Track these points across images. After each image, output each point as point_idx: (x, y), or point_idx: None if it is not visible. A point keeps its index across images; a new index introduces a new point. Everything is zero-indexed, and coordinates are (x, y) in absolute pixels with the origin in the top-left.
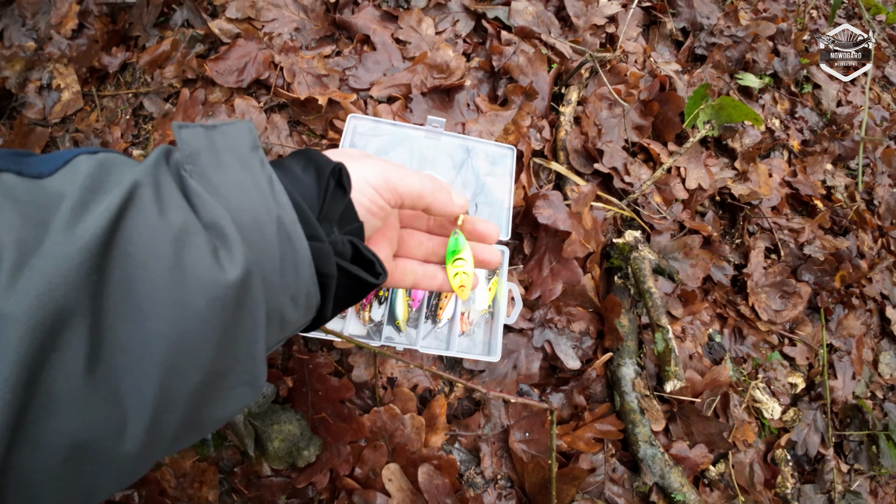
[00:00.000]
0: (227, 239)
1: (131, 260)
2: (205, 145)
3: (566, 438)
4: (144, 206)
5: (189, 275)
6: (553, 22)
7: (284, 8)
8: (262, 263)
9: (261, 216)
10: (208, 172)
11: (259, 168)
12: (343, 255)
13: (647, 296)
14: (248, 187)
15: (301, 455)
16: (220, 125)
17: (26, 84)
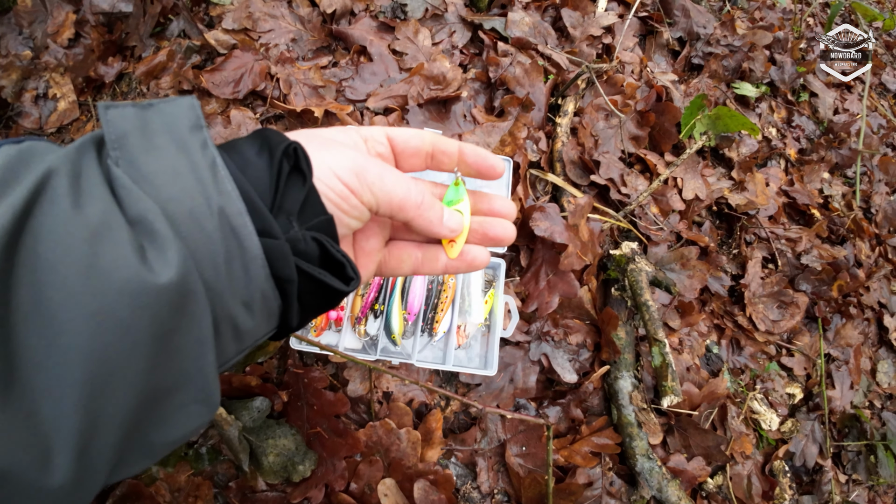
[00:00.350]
0: (157, 235)
1: (41, 262)
2: (134, 126)
3: (563, 452)
4: (57, 198)
5: (108, 278)
6: (550, 33)
7: (281, 19)
8: (203, 263)
9: (199, 208)
10: (137, 158)
11: (199, 151)
12: (306, 255)
13: (644, 309)
14: (184, 174)
15: (296, 470)
16: (157, 102)
17: (22, 93)
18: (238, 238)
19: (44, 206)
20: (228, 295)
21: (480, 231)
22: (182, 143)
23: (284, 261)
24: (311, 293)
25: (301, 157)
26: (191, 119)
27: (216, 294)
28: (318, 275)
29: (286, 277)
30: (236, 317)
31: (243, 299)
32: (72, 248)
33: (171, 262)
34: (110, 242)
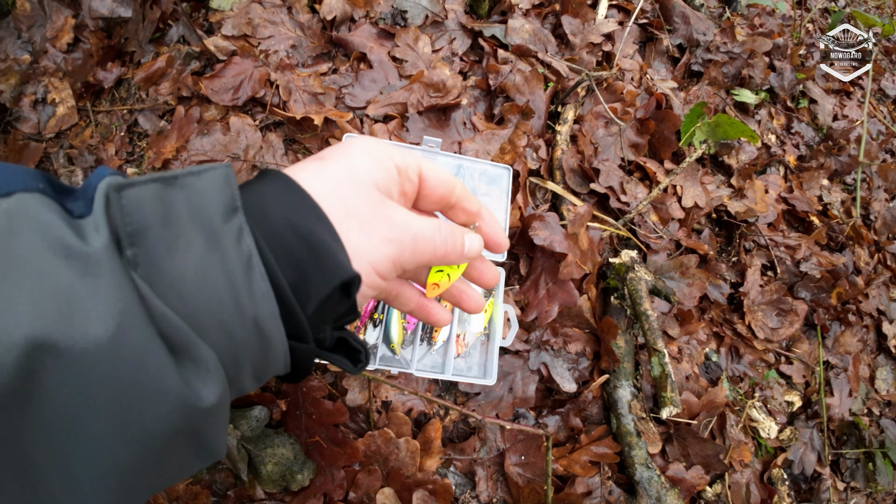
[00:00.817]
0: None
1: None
2: (157, 216)
3: (562, 461)
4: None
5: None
6: (550, 40)
7: (281, 25)
8: (226, 362)
9: (230, 319)
10: (160, 259)
11: (233, 246)
12: (325, 344)
13: (644, 318)
14: (215, 278)
15: (294, 479)
16: (183, 175)
17: (21, 98)
18: (267, 341)
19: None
20: (244, 378)
21: (457, 296)
22: (213, 235)
23: (306, 358)
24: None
25: (354, 285)
26: (225, 200)
27: (232, 380)
28: (335, 362)
29: (303, 370)
30: (245, 386)
31: (256, 375)
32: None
33: (211, 384)
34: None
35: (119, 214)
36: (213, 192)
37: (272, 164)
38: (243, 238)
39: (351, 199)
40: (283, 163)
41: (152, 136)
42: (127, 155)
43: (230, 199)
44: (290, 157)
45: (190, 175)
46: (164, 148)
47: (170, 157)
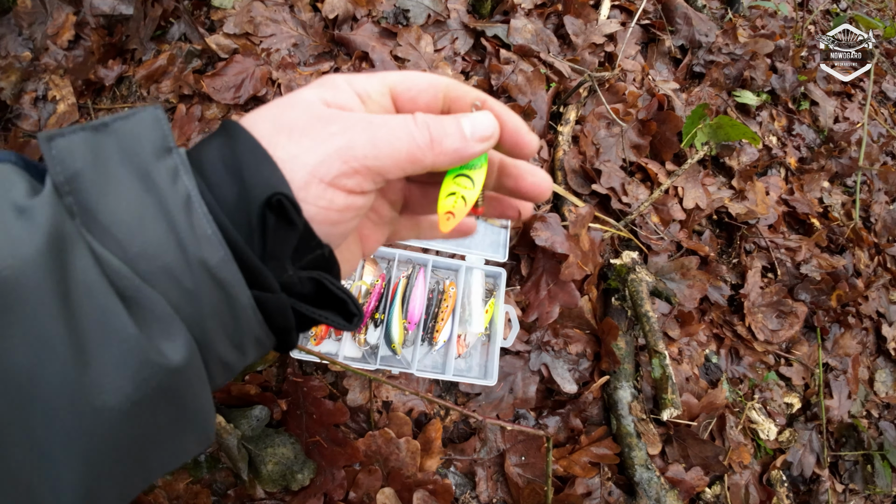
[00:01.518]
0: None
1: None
2: (86, 160)
3: (562, 462)
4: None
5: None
6: (552, 40)
7: (283, 23)
8: (185, 320)
9: (174, 262)
10: (93, 203)
11: (168, 184)
12: (303, 295)
13: (645, 320)
14: (152, 218)
15: (295, 478)
16: (113, 120)
17: (22, 95)
18: (225, 291)
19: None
20: (217, 342)
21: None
22: (146, 176)
23: (281, 312)
24: (310, 321)
25: (288, 206)
26: (155, 139)
27: (202, 346)
28: (318, 317)
29: (284, 327)
30: (226, 357)
31: (234, 343)
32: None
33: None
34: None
35: (51, 164)
36: (143, 133)
37: None
38: (179, 177)
39: (285, 115)
40: None
41: None
42: None
43: (161, 139)
44: None
45: (119, 119)
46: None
47: None
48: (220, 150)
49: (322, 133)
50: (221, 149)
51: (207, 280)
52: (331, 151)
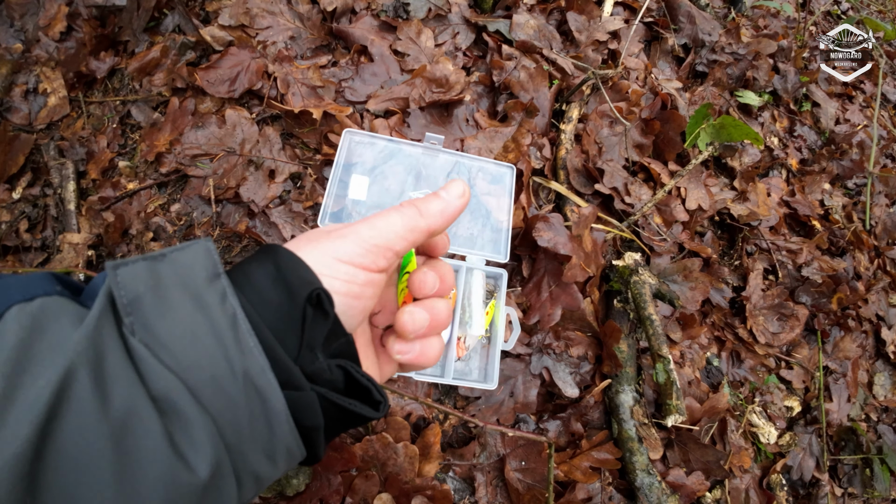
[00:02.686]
0: (184, 418)
1: (69, 465)
2: (148, 286)
3: (563, 467)
4: (82, 396)
5: (141, 477)
6: (555, 36)
7: (280, 15)
8: (225, 428)
9: (221, 372)
10: (153, 322)
11: (218, 306)
12: (331, 383)
13: (648, 323)
14: (204, 335)
15: (290, 484)
16: (171, 252)
17: (12, 88)
18: (262, 397)
19: (71, 406)
20: (250, 452)
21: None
22: (199, 299)
23: (311, 410)
24: (339, 420)
25: (324, 298)
26: (207, 268)
27: (238, 454)
28: (348, 405)
29: (313, 426)
30: (258, 469)
31: (266, 453)
32: (102, 449)
33: (204, 452)
34: (140, 435)
35: (116, 288)
36: (197, 262)
37: (268, 159)
38: (227, 299)
39: (302, 237)
40: (281, 157)
41: (145, 128)
42: (119, 147)
43: (212, 266)
44: (288, 152)
45: (176, 251)
46: (158, 140)
47: (163, 151)
48: (264, 265)
49: (333, 235)
50: (265, 264)
51: (248, 388)
52: (345, 241)
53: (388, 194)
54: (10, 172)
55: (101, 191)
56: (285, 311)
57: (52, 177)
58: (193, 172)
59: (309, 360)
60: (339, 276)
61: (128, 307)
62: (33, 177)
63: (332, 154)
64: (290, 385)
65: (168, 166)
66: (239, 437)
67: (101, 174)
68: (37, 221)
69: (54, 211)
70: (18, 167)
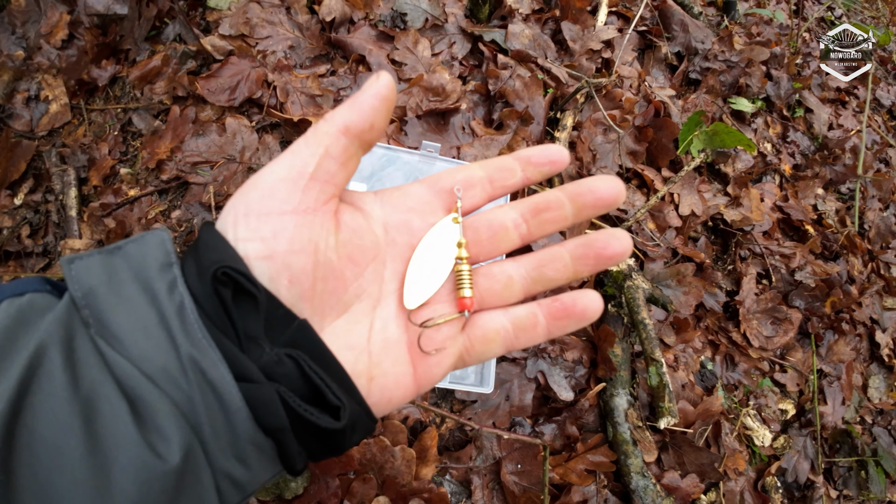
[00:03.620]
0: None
1: (42, 443)
2: (101, 279)
3: (558, 470)
4: (53, 374)
5: (111, 458)
6: (549, 46)
7: (279, 25)
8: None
9: (172, 364)
10: (106, 316)
11: (166, 295)
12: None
13: (641, 327)
14: (154, 327)
15: (288, 487)
16: (125, 244)
17: (14, 95)
18: (216, 392)
19: (41, 384)
20: (217, 452)
21: (591, 254)
22: (150, 290)
23: (270, 407)
24: (306, 431)
25: (237, 276)
26: (159, 258)
27: (206, 453)
28: (297, 408)
29: (276, 426)
30: (231, 472)
31: (235, 454)
32: (72, 427)
33: (172, 437)
34: (109, 417)
35: (70, 282)
36: (149, 253)
37: None
38: (175, 288)
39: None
40: None
41: (146, 135)
42: (120, 155)
43: (164, 256)
44: None
45: (130, 243)
46: (159, 148)
47: (164, 158)
48: (191, 248)
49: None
50: (192, 247)
51: (201, 382)
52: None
53: None
54: (12, 178)
55: (103, 197)
56: (213, 299)
57: (54, 183)
58: (194, 179)
59: (256, 354)
60: (253, 236)
61: (81, 300)
62: (35, 183)
63: None
64: (245, 378)
65: (169, 173)
66: (201, 434)
67: (103, 181)
68: (38, 227)
69: (56, 217)
70: (20, 173)
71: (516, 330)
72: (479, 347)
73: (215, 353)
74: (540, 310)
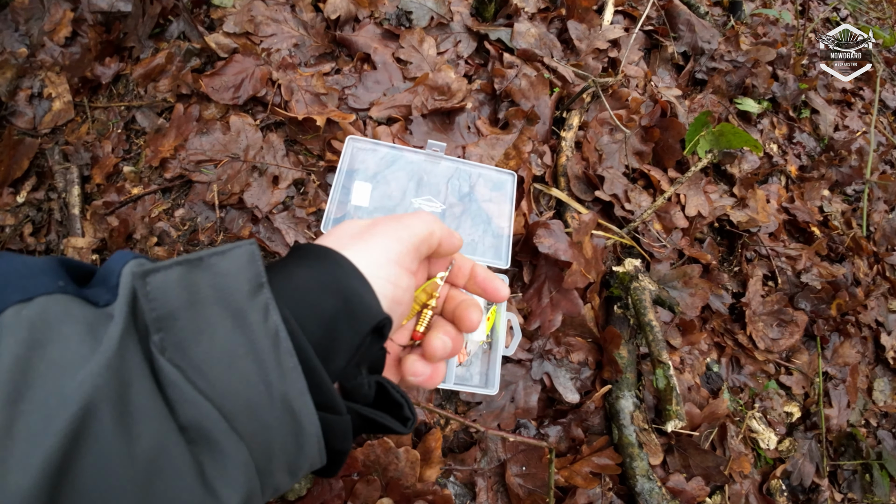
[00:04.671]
0: (217, 449)
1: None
2: (183, 301)
3: (563, 472)
4: (102, 437)
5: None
6: (555, 45)
7: (284, 23)
8: (256, 452)
9: (258, 398)
10: (187, 343)
11: (260, 323)
12: (367, 398)
13: (648, 329)
14: (242, 358)
15: (292, 489)
16: (209, 255)
17: (17, 92)
18: (296, 421)
19: (91, 448)
20: (276, 471)
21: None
22: (240, 315)
23: (343, 435)
24: (361, 428)
25: (387, 328)
26: (250, 278)
27: (265, 474)
28: (380, 419)
29: (342, 449)
30: (279, 483)
31: (290, 470)
32: (126, 493)
33: (237, 484)
34: (169, 474)
35: (145, 300)
36: (239, 271)
37: (272, 165)
38: (269, 314)
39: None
40: (284, 164)
41: (150, 133)
42: (123, 153)
43: (255, 276)
44: (292, 159)
45: (215, 255)
46: (162, 146)
47: (167, 156)
48: (313, 269)
49: (378, 233)
50: (314, 268)
51: (285, 412)
52: (392, 240)
53: (391, 200)
54: (15, 176)
55: (106, 195)
56: (339, 328)
57: (57, 181)
58: (197, 178)
59: (352, 376)
60: (389, 280)
61: (158, 322)
62: (38, 181)
63: (335, 160)
64: (326, 407)
65: (172, 172)
66: (268, 459)
67: (106, 179)
68: (41, 225)
69: (58, 215)
70: (23, 171)
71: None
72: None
73: (303, 385)
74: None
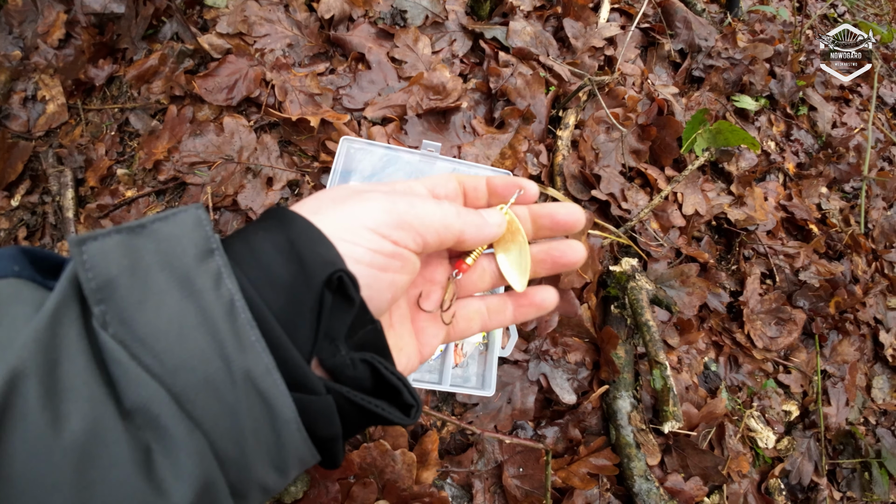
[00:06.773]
0: (164, 434)
1: (21, 496)
2: (122, 267)
3: (561, 473)
4: (28, 414)
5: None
6: (551, 43)
7: (277, 23)
8: (222, 441)
9: (216, 374)
10: (130, 313)
11: (211, 290)
12: (357, 381)
13: (645, 329)
14: (193, 328)
15: (287, 491)
16: (150, 222)
17: (11, 95)
18: (266, 403)
19: (16, 427)
20: (256, 465)
21: (548, 260)
22: (188, 281)
23: (326, 418)
24: (360, 420)
25: (347, 282)
26: (198, 241)
27: (240, 468)
28: (374, 408)
29: (329, 435)
30: (265, 481)
31: (275, 465)
32: (58, 483)
33: (188, 475)
34: (104, 462)
35: (82, 269)
36: (184, 234)
37: (266, 167)
38: (222, 282)
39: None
40: (279, 165)
41: (144, 135)
42: (117, 155)
43: (204, 241)
44: (286, 160)
45: (158, 221)
46: (156, 148)
47: (161, 158)
48: (272, 235)
49: (364, 198)
50: (273, 234)
51: (250, 392)
52: (375, 207)
53: None
54: (9, 180)
55: (100, 198)
56: (299, 294)
57: (51, 184)
58: (191, 180)
59: (329, 353)
60: (361, 243)
61: (98, 293)
62: (32, 184)
63: (329, 161)
64: (300, 387)
65: (166, 174)
66: (241, 449)
67: (100, 182)
68: (35, 229)
69: (53, 218)
70: (17, 174)
71: (490, 312)
72: (462, 325)
73: (269, 360)
74: (508, 299)
